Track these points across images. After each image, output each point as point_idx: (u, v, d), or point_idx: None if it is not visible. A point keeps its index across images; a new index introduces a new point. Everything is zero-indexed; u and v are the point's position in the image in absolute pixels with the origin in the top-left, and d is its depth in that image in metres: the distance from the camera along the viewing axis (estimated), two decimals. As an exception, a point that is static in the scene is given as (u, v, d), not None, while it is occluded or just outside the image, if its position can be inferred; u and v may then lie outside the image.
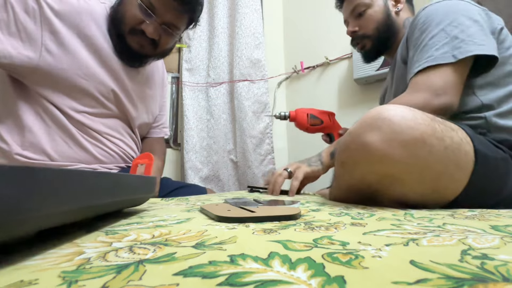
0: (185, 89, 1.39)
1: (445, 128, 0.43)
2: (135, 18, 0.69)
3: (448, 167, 0.41)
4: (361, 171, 0.44)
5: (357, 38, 0.80)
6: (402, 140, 0.40)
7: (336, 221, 0.31)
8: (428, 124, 0.41)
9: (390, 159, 0.40)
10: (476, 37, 0.56)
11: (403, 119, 0.41)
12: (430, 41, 0.59)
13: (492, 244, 0.20)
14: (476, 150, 0.43)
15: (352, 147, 0.44)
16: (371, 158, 0.41)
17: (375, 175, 0.43)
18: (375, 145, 0.41)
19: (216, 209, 0.36)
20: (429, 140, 0.40)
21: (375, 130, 0.41)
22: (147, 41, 0.72)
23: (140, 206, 0.49)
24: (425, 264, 0.16)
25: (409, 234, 0.24)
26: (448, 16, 0.59)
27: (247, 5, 1.41)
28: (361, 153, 0.43)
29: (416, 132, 0.40)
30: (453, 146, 0.42)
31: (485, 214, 0.34)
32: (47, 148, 0.67)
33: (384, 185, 0.43)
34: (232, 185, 1.38)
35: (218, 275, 0.15)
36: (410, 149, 0.40)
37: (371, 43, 0.78)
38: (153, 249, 0.20)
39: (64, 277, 0.15)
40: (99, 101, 0.73)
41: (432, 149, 0.40)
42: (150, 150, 0.88)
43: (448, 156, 0.41)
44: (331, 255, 0.18)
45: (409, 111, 0.42)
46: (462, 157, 0.42)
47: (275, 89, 1.56)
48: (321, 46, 1.44)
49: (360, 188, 0.46)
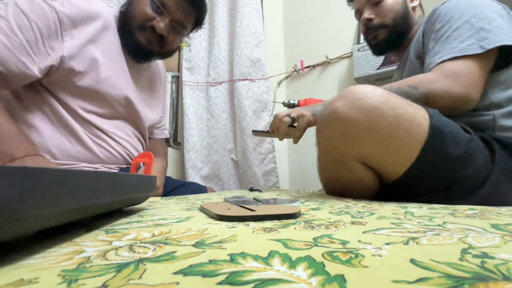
0: (185, 88, 1.39)
1: (402, 101, 0.51)
2: (146, 14, 0.72)
3: (398, 131, 0.49)
4: (329, 131, 0.54)
5: (372, 28, 0.77)
6: (359, 104, 0.50)
7: (336, 220, 0.31)
8: (383, 95, 0.50)
9: (349, 120, 0.50)
10: (503, 28, 0.55)
11: (363, 91, 0.50)
12: (454, 33, 0.58)
13: (493, 243, 0.20)
14: (432, 126, 0.49)
15: (325, 113, 0.55)
16: (336, 119, 0.52)
17: (339, 134, 0.52)
18: (339, 109, 0.51)
19: (216, 208, 0.36)
20: (380, 107, 0.49)
21: (342, 99, 0.52)
22: (155, 37, 0.74)
23: (140, 205, 0.49)
24: (426, 263, 0.16)
25: (409, 233, 0.24)
26: (472, 9, 0.58)
27: (247, 4, 1.40)
28: (330, 116, 0.53)
29: (370, 100, 0.49)
30: (404, 116, 0.49)
31: (485, 213, 0.34)
32: (51, 146, 0.67)
33: (347, 144, 0.52)
34: (233, 184, 1.38)
35: (218, 274, 0.15)
36: (364, 112, 0.49)
37: (386, 33, 0.76)
38: (153, 248, 0.20)
39: (64, 276, 0.15)
40: (110, 104, 0.75)
41: (383, 113, 0.49)
42: (154, 150, 0.89)
43: (399, 122, 0.49)
44: (331, 254, 0.18)
45: (371, 87, 0.51)
46: (414, 126, 0.49)
47: (275, 88, 1.56)
48: (322, 45, 1.44)
49: (330, 147, 0.56)
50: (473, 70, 0.55)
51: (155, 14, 0.72)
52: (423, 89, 0.57)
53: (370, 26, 0.78)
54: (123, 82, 0.76)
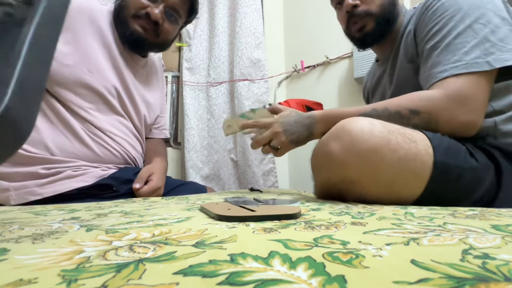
0: (186, 88, 1.39)
1: (403, 139, 0.46)
2: (140, 2, 0.73)
3: (401, 173, 0.46)
4: (326, 174, 0.51)
5: (357, 16, 0.67)
6: (357, 149, 0.45)
7: (337, 220, 0.31)
8: (383, 136, 0.46)
9: (347, 165, 0.46)
10: (508, 41, 0.51)
11: (360, 132, 0.46)
12: (456, 40, 0.53)
13: (493, 243, 0.20)
14: (436, 162, 0.46)
15: (320, 154, 0.51)
16: (332, 163, 0.48)
17: (337, 178, 0.49)
18: (335, 153, 0.47)
19: (216, 208, 0.36)
20: (380, 150, 0.45)
21: (337, 140, 0.47)
22: (150, 25, 0.75)
23: (140, 205, 0.49)
24: (426, 263, 0.16)
25: (409, 234, 0.24)
26: (474, 9, 0.53)
27: (247, 4, 1.40)
28: (325, 159, 0.49)
29: (370, 143, 0.45)
30: (407, 157, 0.45)
31: (486, 214, 0.34)
32: (49, 143, 0.67)
33: (345, 186, 0.49)
34: (233, 184, 1.38)
35: (218, 274, 0.15)
36: (363, 158, 0.45)
37: (374, 23, 0.66)
38: (153, 248, 0.20)
39: (64, 276, 0.15)
40: (103, 97, 0.74)
41: (383, 157, 0.45)
42: (153, 151, 0.89)
43: (401, 165, 0.45)
44: (332, 255, 0.18)
45: (368, 124, 0.47)
46: (417, 166, 0.46)
47: (275, 88, 1.56)
48: (322, 45, 1.44)
49: (328, 186, 0.53)
50: (479, 90, 0.51)
51: (149, 1, 0.73)
52: (426, 116, 0.52)
53: (354, 13, 0.67)
54: (114, 74, 0.76)
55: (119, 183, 0.72)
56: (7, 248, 0.20)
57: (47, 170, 0.66)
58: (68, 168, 0.68)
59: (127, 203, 0.56)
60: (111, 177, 0.72)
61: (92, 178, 0.69)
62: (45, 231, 0.26)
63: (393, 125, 0.48)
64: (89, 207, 0.48)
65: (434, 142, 0.48)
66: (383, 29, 0.68)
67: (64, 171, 0.67)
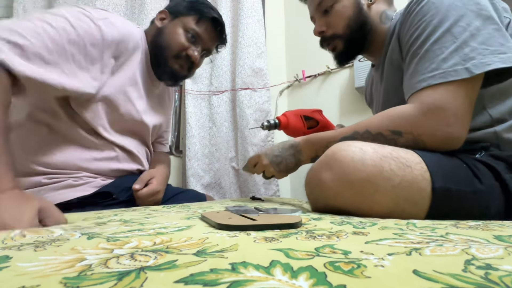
0: (188, 97, 1.40)
1: (397, 165, 0.44)
2: (182, 45, 0.77)
3: (397, 202, 0.43)
4: (322, 203, 0.49)
5: (327, 39, 0.70)
6: (349, 180, 0.44)
7: (338, 230, 0.31)
8: (375, 164, 0.43)
9: (341, 197, 0.45)
10: (491, 43, 0.47)
11: (351, 161, 0.44)
12: (434, 46, 0.50)
13: (496, 254, 0.20)
14: (435, 188, 0.43)
15: (312, 183, 0.50)
16: (326, 194, 0.47)
17: (333, 207, 0.47)
18: (328, 184, 0.45)
19: (217, 217, 0.36)
20: (374, 180, 0.43)
21: (328, 169, 0.46)
22: (188, 63, 0.80)
23: (141, 213, 0.49)
24: (429, 273, 0.16)
25: (411, 244, 0.23)
26: (453, 10, 0.49)
27: (249, 15, 1.43)
28: (319, 189, 0.48)
29: (363, 173, 0.43)
30: (402, 184, 0.43)
31: (488, 224, 0.34)
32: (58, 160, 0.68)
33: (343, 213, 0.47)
34: (234, 192, 1.38)
35: (220, 283, 0.14)
36: (357, 189, 0.43)
37: (343, 44, 0.68)
38: (154, 256, 0.20)
39: (66, 283, 0.15)
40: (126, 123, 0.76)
41: (378, 187, 0.43)
42: (157, 161, 0.90)
43: (397, 193, 0.43)
44: (333, 264, 0.18)
45: (359, 151, 0.44)
46: (415, 193, 0.43)
47: (277, 97, 1.57)
48: (323, 55, 1.44)
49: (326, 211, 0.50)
50: (458, 101, 0.47)
51: (191, 44, 0.78)
52: (409, 136, 0.50)
53: (323, 37, 0.70)
54: (142, 105, 0.80)
55: (118, 190, 0.72)
56: (9, 256, 0.20)
57: (48, 179, 0.66)
58: (69, 177, 0.68)
59: (127, 211, 0.56)
60: (111, 185, 0.72)
61: (92, 188, 0.69)
62: (47, 239, 0.26)
63: (385, 149, 0.46)
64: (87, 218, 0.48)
65: (430, 166, 0.44)
66: (353, 48, 0.69)
67: (65, 180, 0.67)
